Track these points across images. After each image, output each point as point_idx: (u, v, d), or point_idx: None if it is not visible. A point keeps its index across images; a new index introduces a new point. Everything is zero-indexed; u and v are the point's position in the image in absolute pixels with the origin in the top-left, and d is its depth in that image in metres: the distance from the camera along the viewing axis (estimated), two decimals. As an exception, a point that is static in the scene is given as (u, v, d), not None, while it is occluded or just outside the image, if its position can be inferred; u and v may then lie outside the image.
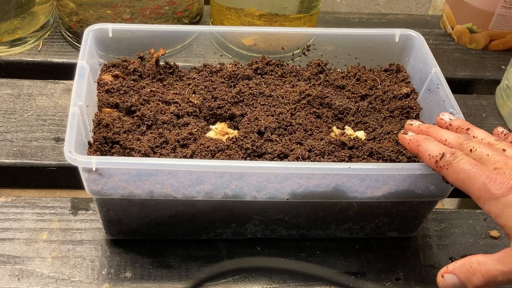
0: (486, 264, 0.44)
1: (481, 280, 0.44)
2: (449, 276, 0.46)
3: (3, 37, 0.74)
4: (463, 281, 0.45)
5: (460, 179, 0.45)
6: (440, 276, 0.47)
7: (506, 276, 0.43)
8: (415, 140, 0.49)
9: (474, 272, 0.44)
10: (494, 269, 0.43)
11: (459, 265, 0.45)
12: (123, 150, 0.52)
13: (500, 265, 0.43)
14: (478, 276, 0.44)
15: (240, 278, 0.54)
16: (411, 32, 0.63)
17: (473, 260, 0.45)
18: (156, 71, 0.60)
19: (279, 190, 0.51)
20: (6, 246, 0.55)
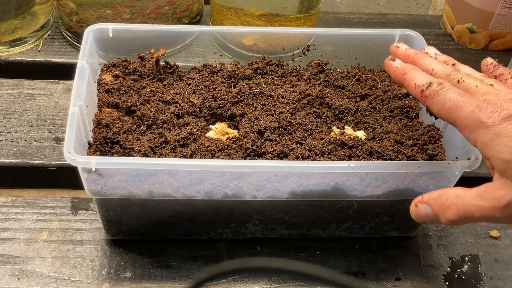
0: (464, 198, 0.42)
1: (456, 214, 0.42)
2: (423, 206, 0.44)
3: (3, 37, 0.74)
4: (438, 213, 0.43)
5: (446, 108, 0.42)
6: (413, 205, 0.45)
7: (484, 213, 0.41)
8: (401, 68, 0.47)
9: (449, 205, 0.42)
10: (472, 204, 0.41)
11: (435, 196, 0.44)
12: (123, 150, 0.52)
13: (480, 200, 0.41)
14: (453, 209, 0.42)
15: (240, 278, 0.54)
16: (411, 32, 0.63)
17: (450, 192, 0.43)
18: (156, 71, 0.60)
19: (279, 190, 0.51)
20: (6, 246, 0.55)
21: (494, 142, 0.40)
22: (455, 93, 0.42)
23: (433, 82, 0.44)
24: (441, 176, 0.51)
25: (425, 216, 0.44)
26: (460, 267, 0.57)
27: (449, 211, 0.42)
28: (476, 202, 0.41)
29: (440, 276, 0.56)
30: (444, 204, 0.43)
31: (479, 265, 0.57)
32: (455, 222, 0.43)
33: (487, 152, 0.41)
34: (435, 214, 0.43)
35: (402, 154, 0.54)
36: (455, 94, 0.42)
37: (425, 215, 0.44)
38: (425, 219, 0.45)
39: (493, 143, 0.40)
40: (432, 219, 0.44)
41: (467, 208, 0.41)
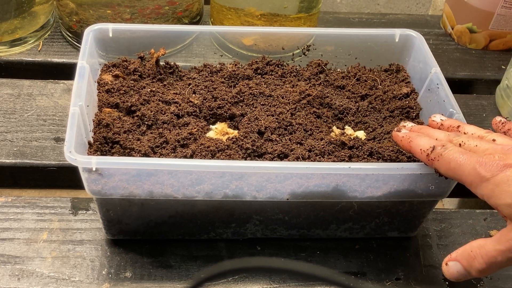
0: (485, 246, 0.45)
1: (482, 263, 0.45)
2: (452, 264, 0.47)
3: (3, 37, 0.74)
4: (466, 267, 0.46)
5: (451, 168, 0.45)
6: (444, 265, 0.48)
7: (505, 255, 0.43)
8: (407, 137, 0.50)
9: (475, 256, 0.45)
10: (492, 250, 0.44)
11: (461, 252, 0.47)
12: (123, 150, 0.52)
13: (498, 245, 0.44)
14: (479, 259, 0.45)
15: (240, 278, 0.54)
16: (411, 32, 0.63)
17: (474, 244, 0.46)
18: (156, 71, 0.60)
19: (279, 190, 0.51)
20: (6, 246, 0.55)
21: (495, 191, 0.43)
22: (457, 153, 0.46)
23: (437, 145, 0.47)
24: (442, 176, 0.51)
25: (457, 273, 0.47)
26: (460, 267, 0.57)
27: (476, 262, 0.45)
28: (496, 247, 0.44)
29: (440, 276, 0.56)
30: (470, 256, 0.46)
31: (479, 265, 0.57)
32: (485, 271, 0.45)
33: (493, 202, 0.43)
34: (465, 268, 0.46)
35: (403, 154, 0.54)
36: (458, 154, 0.45)
37: (457, 272, 0.47)
38: (458, 276, 0.47)
39: (494, 192, 0.43)
40: (465, 275, 0.47)
41: (490, 255, 0.44)
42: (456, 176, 0.46)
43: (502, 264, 0.44)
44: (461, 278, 0.47)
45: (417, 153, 0.49)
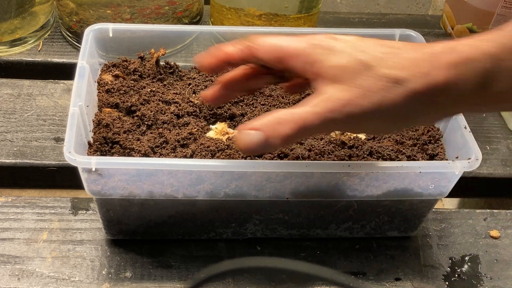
0: (299, 112, 0.40)
1: (291, 128, 0.40)
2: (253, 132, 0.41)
3: (3, 37, 0.74)
4: (269, 133, 0.40)
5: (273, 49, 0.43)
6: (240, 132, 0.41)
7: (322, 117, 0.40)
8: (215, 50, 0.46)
9: (283, 121, 0.40)
10: (309, 113, 0.40)
11: (264, 120, 0.41)
12: (123, 150, 0.52)
13: (318, 108, 0.40)
14: (289, 123, 0.40)
15: (240, 278, 0.54)
16: (411, 32, 0.63)
17: (280, 112, 0.41)
18: (156, 71, 0.60)
19: (279, 190, 0.51)
20: (6, 246, 0.55)
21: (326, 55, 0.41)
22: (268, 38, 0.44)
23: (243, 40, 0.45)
24: (441, 176, 0.51)
25: (253, 142, 0.40)
26: (460, 267, 0.57)
27: (283, 126, 0.40)
28: (315, 110, 0.40)
29: (440, 276, 0.56)
30: (277, 121, 0.40)
31: (479, 265, 0.57)
32: (290, 137, 0.40)
33: (319, 66, 0.41)
34: (266, 136, 0.40)
35: (402, 154, 0.54)
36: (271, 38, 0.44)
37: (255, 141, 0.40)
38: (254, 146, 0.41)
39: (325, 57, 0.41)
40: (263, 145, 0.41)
41: (307, 119, 0.40)
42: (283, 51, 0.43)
43: (318, 129, 0.41)
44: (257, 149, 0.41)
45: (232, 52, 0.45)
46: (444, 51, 0.40)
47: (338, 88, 0.40)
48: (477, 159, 0.50)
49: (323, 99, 0.40)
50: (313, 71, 0.42)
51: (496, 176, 0.66)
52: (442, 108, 0.41)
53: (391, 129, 0.43)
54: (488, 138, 0.70)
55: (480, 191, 0.69)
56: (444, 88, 0.40)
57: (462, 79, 0.39)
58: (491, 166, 0.67)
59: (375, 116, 0.40)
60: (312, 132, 0.41)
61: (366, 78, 0.40)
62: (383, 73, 0.40)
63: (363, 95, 0.40)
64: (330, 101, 0.40)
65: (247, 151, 0.42)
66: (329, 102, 0.40)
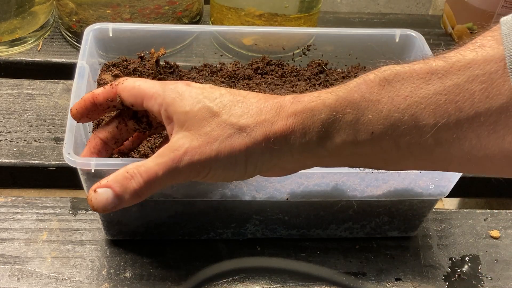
0: (145, 164, 0.41)
1: (140, 182, 0.40)
2: (102, 191, 0.40)
3: (2, 37, 0.74)
4: (119, 191, 0.40)
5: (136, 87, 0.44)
6: (92, 192, 0.41)
7: (166, 167, 0.40)
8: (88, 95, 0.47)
9: (132, 176, 0.40)
10: (153, 164, 0.40)
11: (114, 175, 0.41)
12: (123, 150, 0.52)
13: (161, 158, 0.40)
14: (137, 178, 0.40)
15: (240, 278, 0.54)
16: (411, 32, 0.63)
17: (130, 166, 0.41)
18: (156, 70, 0.60)
19: (279, 190, 0.51)
20: (6, 246, 0.55)
21: (178, 100, 0.42)
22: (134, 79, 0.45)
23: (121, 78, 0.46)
24: (441, 176, 0.51)
25: (105, 201, 0.40)
26: (460, 267, 0.57)
27: (132, 181, 0.40)
28: (158, 161, 0.40)
29: (440, 276, 0.56)
30: (126, 177, 0.40)
31: (480, 265, 0.57)
32: (141, 193, 0.41)
33: (171, 109, 0.42)
34: (116, 194, 0.40)
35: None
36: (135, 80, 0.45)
37: (106, 199, 0.40)
38: (106, 205, 0.41)
39: (177, 101, 0.42)
40: (115, 203, 0.41)
41: (150, 171, 0.40)
42: (140, 91, 0.44)
43: (163, 182, 0.41)
44: (110, 207, 0.41)
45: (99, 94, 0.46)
46: (291, 102, 0.40)
47: (183, 136, 0.41)
48: (477, 159, 0.50)
49: (168, 148, 0.41)
50: (166, 115, 0.43)
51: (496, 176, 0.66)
52: (287, 157, 0.41)
53: (234, 178, 0.43)
54: (488, 138, 0.70)
55: (480, 191, 0.69)
56: (282, 136, 0.40)
57: (301, 128, 0.40)
58: (491, 166, 0.67)
59: (217, 165, 0.41)
60: (160, 185, 0.41)
61: (213, 126, 0.41)
62: (228, 120, 0.40)
63: (207, 143, 0.40)
64: (173, 149, 0.41)
65: (102, 210, 0.41)
66: (172, 151, 0.40)
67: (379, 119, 0.38)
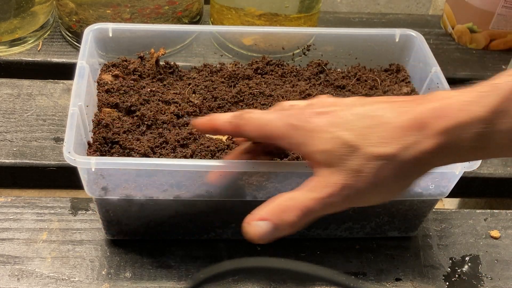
0: (298, 197, 0.41)
1: (295, 215, 0.41)
2: (261, 223, 0.41)
3: (2, 37, 0.74)
4: (276, 222, 0.41)
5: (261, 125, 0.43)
6: (247, 226, 0.42)
7: (322, 202, 0.41)
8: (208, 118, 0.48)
9: (287, 208, 0.41)
10: (308, 199, 0.41)
11: (269, 208, 0.42)
12: (123, 150, 0.52)
13: (315, 193, 0.41)
14: (292, 210, 0.41)
15: (240, 278, 0.54)
16: (411, 32, 0.63)
17: (283, 198, 0.42)
18: (156, 71, 0.60)
19: (279, 190, 0.51)
20: (6, 246, 0.55)
21: (308, 138, 0.41)
22: (266, 112, 0.44)
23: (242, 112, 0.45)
24: (441, 176, 0.51)
25: (264, 233, 0.41)
26: (461, 267, 0.57)
27: (288, 214, 0.41)
28: (312, 196, 0.41)
29: (441, 276, 0.56)
30: (282, 209, 0.41)
31: (480, 265, 0.57)
32: (296, 224, 0.41)
33: (304, 150, 0.42)
34: (274, 225, 0.41)
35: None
36: (266, 113, 0.44)
37: (265, 231, 0.41)
38: (264, 235, 0.42)
39: (307, 140, 0.41)
40: (273, 233, 0.42)
41: (306, 205, 0.41)
42: (267, 132, 0.43)
43: (317, 213, 0.41)
44: (267, 238, 0.42)
45: (221, 125, 0.46)
46: (434, 117, 0.39)
47: (331, 172, 0.41)
48: (477, 159, 0.50)
49: (320, 184, 0.41)
50: (301, 153, 0.43)
51: (496, 176, 0.66)
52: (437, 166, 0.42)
53: (390, 198, 0.44)
54: (488, 138, 0.70)
55: (480, 191, 0.69)
56: (435, 153, 0.40)
57: (455, 144, 0.39)
58: (491, 166, 0.67)
59: (371, 193, 0.41)
60: (315, 216, 0.42)
61: (355, 161, 0.40)
62: (371, 152, 0.40)
63: (357, 178, 0.40)
64: (327, 186, 0.41)
65: (259, 240, 0.42)
66: (327, 188, 0.41)
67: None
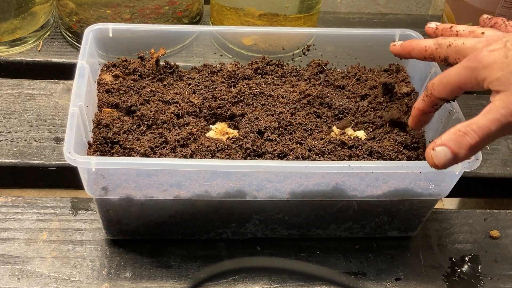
0: (475, 121, 0.44)
1: (475, 136, 0.43)
2: (440, 149, 0.44)
3: (3, 37, 0.74)
4: (455, 148, 0.44)
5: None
6: (430, 151, 0.45)
7: (501, 122, 0.43)
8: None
9: (465, 132, 0.43)
10: (486, 120, 0.43)
11: (447, 135, 0.44)
12: (123, 150, 0.52)
13: (491, 114, 0.43)
14: (471, 134, 0.43)
15: (240, 278, 0.54)
16: (411, 32, 0.63)
17: (459, 125, 0.44)
18: (156, 71, 0.60)
19: (279, 190, 0.51)
20: (6, 246, 0.55)
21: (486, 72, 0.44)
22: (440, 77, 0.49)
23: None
24: (441, 176, 0.51)
25: (444, 157, 0.44)
26: (460, 267, 0.57)
27: (467, 137, 0.43)
28: (489, 117, 0.43)
29: (440, 276, 0.56)
30: (459, 134, 0.44)
31: (479, 265, 0.57)
32: (476, 146, 0.43)
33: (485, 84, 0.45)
34: (453, 151, 0.44)
35: (402, 154, 0.54)
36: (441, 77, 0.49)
37: (444, 156, 0.44)
38: (445, 161, 0.44)
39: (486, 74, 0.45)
40: (452, 158, 0.44)
41: (484, 125, 0.43)
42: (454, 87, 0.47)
43: (495, 135, 0.43)
44: (447, 164, 0.44)
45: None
46: None
47: (505, 95, 0.43)
48: (477, 159, 0.50)
49: (495, 107, 0.43)
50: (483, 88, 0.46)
51: (496, 176, 0.66)
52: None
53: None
54: (488, 138, 0.70)
55: (480, 191, 0.69)
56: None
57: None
58: (491, 166, 0.67)
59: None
60: (492, 139, 0.44)
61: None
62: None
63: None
64: (503, 107, 0.43)
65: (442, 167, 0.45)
66: (503, 108, 0.43)
67: None
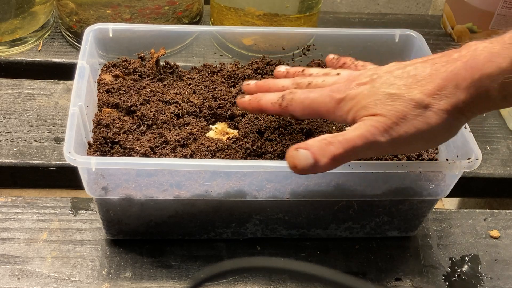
0: (343, 134, 0.44)
1: (340, 147, 0.43)
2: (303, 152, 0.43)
3: (3, 37, 0.74)
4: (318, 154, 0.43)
5: (306, 105, 0.48)
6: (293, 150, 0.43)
7: (367, 139, 0.43)
8: (255, 98, 0.52)
9: (330, 142, 0.43)
10: (352, 135, 0.43)
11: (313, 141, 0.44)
12: (123, 150, 0.52)
13: (358, 131, 0.44)
14: (336, 145, 0.43)
15: (240, 278, 0.54)
16: (411, 32, 0.63)
17: (327, 135, 0.44)
18: (156, 71, 0.60)
19: (279, 190, 0.51)
20: (6, 246, 0.55)
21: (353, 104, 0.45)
22: (307, 92, 0.48)
23: (285, 93, 0.49)
24: (441, 176, 0.51)
25: (305, 161, 0.43)
26: (460, 267, 0.57)
27: (332, 147, 0.43)
28: (357, 132, 0.44)
29: (440, 276, 0.56)
30: (325, 143, 0.43)
31: (479, 265, 0.57)
32: (339, 158, 0.43)
33: (352, 115, 0.45)
34: (315, 157, 0.43)
35: (402, 154, 0.54)
36: (308, 93, 0.48)
37: (306, 159, 0.43)
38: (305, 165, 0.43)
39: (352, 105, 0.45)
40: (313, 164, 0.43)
41: (350, 139, 0.43)
42: (313, 110, 0.47)
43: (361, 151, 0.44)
44: (306, 169, 0.43)
45: (269, 108, 0.50)
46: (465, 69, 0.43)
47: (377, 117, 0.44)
48: (477, 159, 0.50)
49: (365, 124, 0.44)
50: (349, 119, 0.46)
51: (496, 176, 0.66)
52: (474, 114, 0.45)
53: (432, 145, 0.48)
54: (488, 138, 0.70)
55: (480, 191, 0.69)
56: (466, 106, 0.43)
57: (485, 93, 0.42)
58: (491, 166, 0.67)
59: (414, 139, 0.44)
60: (357, 154, 0.44)
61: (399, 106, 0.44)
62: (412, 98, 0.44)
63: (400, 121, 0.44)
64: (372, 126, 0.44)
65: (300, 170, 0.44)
66: (372, 127, 0.44)
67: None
